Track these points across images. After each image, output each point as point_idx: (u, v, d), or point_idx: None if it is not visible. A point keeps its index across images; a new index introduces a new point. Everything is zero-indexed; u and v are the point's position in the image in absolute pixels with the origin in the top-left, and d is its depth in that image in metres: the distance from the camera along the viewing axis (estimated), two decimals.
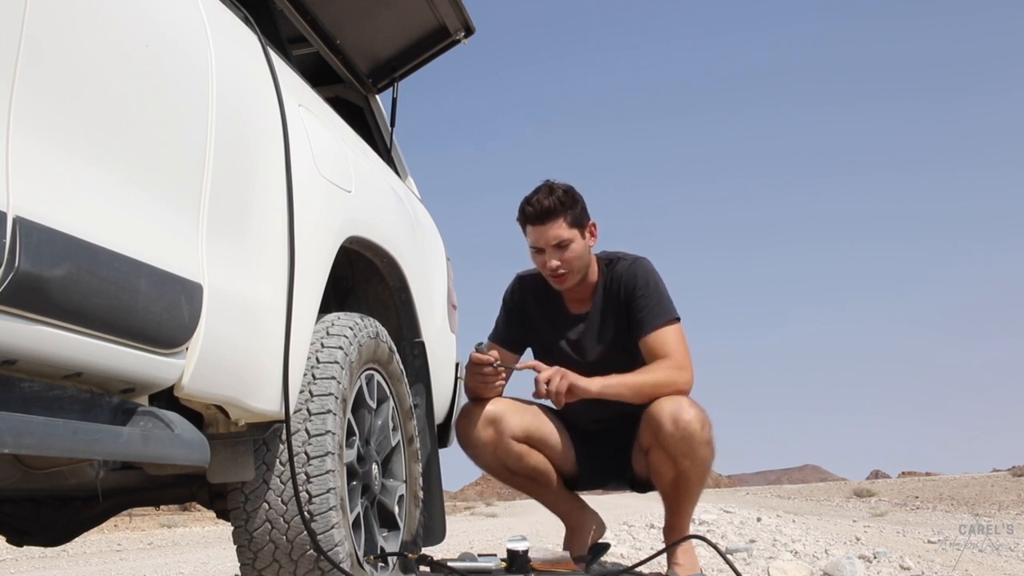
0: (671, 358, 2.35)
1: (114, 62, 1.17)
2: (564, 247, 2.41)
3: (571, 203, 2.42)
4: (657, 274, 2.47)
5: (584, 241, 2.44)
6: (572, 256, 2.42)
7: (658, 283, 2.45)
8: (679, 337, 2.40)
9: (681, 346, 2.39)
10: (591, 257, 2.50)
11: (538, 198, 2.42)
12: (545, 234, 2.41)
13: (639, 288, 2.42)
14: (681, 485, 2.37)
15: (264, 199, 1.55)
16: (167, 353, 1.24)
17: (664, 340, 2.38)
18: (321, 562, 1.63)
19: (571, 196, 2.43)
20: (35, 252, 0.97)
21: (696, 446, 2.28)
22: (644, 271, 2.46)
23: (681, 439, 2.27)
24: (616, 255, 2.52)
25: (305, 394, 1.67)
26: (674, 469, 2.34)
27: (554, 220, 2.40)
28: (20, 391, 1.05)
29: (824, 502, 18.01)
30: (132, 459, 1.23)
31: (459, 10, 2.92)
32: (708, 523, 7.40)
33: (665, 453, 2.33)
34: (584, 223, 2.45)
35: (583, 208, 2.45)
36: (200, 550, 8.16)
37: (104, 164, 1.14)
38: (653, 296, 2.42)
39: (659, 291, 2.43)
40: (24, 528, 1.92)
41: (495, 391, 2.50)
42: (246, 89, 1.55)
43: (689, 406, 2.30)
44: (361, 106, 3.08)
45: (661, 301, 2.42)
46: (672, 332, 2.40)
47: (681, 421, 2.26)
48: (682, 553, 2.43)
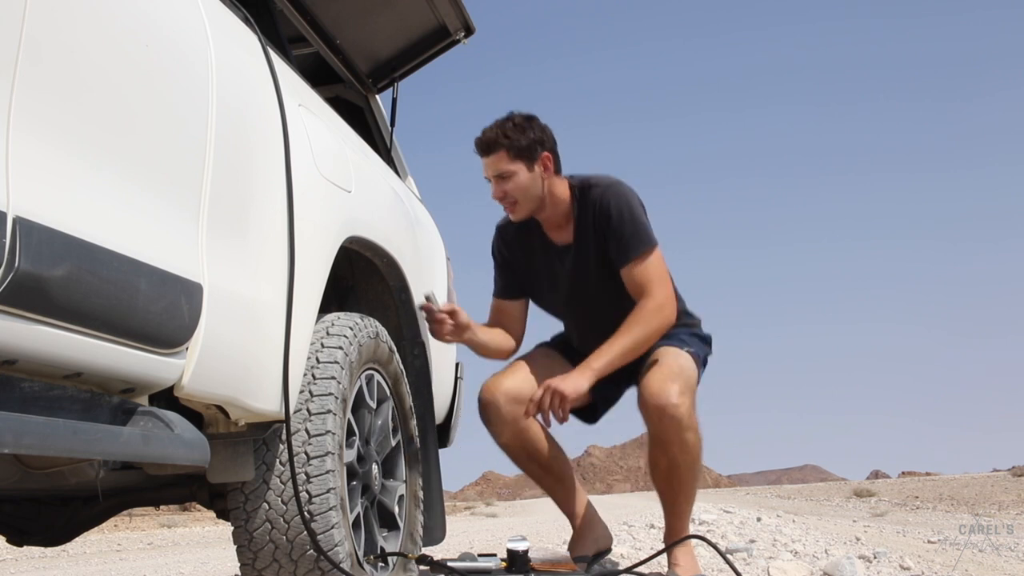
0: (651, 297, 2.35)
1: (114, 62, 1.17)
2: (507, 179, 2.41)
3: (517, 135, 2.39)
4: (630, 199, 2.42)
5: (532, 173, 2.41)
6: (515, 188, 2.41)
7: (632, 209, 2.40)
8: (655, 267, 2.39)
9: (659, 276, 2.38)
10: (549, 187, 2.45)
11: (485, 129, 2.42)
12: (489, 166, 2.43)
13: (613, 220, 2.39)
14: (674, 476, 2.38)
15: (264, 199, 1.55)
16: (167, 353, 1.24)
17: (642, 273, 2.38)
18: (321, 562, 1.63)
19: (519, 128, 2.40)
20: (35, 252, 0.97)
21: (682, 431, 2.29)
22: (617, 198, 2.41)
23: (670, 422, 2.28)
24: (589, 181, 2.47)
25: (305, 394, 1.67)
26: (664, 456, 2.35)
27: (495, 152, 2.40)
28: (20, 391, 1.05)
29: (824, 502, 18.01)
30: (132, 459, 1.22)
31: (459, 10, 2.92)
32: (708, 523, 7.40)
33: (654, 441, 2.35)
34: (534, 155, 2.41)
35: (533, 140, 2.40)
36: (200, 550, 8.16)
37: (104, 164, 1.14)
38: (628, 226, 2.38)
39: (633, 219, 2.39)
40: (24, 528, 1.93)
41: (449, 338, 2.47)
42: (246, 89, 1.55)
43: (679, 394, 2.28)
44: (361, 106, 3.08)
45: (636, 231, 2.39)
46: (649, 264, 2.38)
47: (669, 407, 2.27)
48: (682, 553, 2.43)
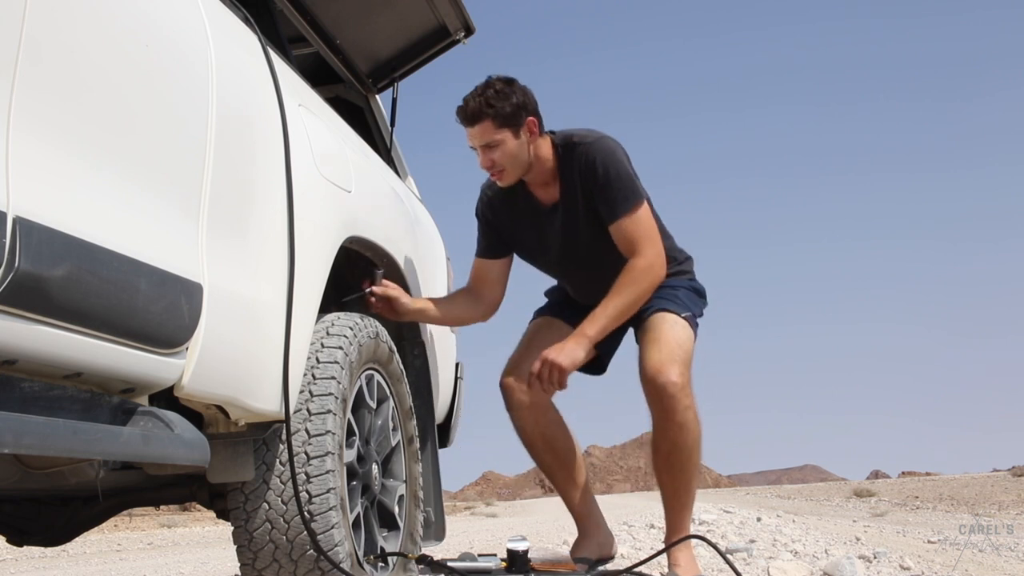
0: (641, 255, 2.34)
1: (114, 62, 1.17)
2: (494, 147, 2.37)
3: (501, 103, 2.34)
4: (615, 153, 2.39)
5: (519, 140, 2.38)
6: (503, 156, 2.38)
7: (617, 165, 2.37)
8: (644, 223, 2.37)
9: (647, 233, 2.37)
10: (535, 149, 2.42)
11: (467, 98, 2.38)
12: (474, 136, 2.39)
13: (599, 176, 2.37)
14: (675, 459, 2.39)
15: (264, 199, 1.55)
16: (167, 353, 1.24)
17: (631, 230, 2.36)
18: (321, 562, 1.63)
19: (503, 95, 2.35)
20: (35, 252, 0.97)
21: (683, 410, 2.32)
22: (602, 153, 2.38)
23: (670, 400, 2.32)
24: (572, 138, 2.43)
25: (305, 394, 1.67)
26: (665, 440, 2.36)
27: (480, 122, 2.35)
28: (20, 391, 1.05)
29: (824, 502, 18.00)
30: (132, 459, 1.23)
31: (459, 10, 2.92)
32: (708, 523, 7.40)
33: (655, 424, 2.38)
34: (519, 121, 2.37)
35: (517, 106, 2.36)
36: (200, 550, 8.16)
37: (104, 164, 1.14)
38: (615, 182, 2.36)
39: (619, 175, 2.37)
40: (24, 528, 1.92)
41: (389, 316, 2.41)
42: (246, 89, 1.55)
43: (679, 373, 2.32)
44: (361, 106, 3.08)
45: (623, 186, 2.36)
46: (637, 220, 2.36)
47: (668, 385, 2.31)
48: (682, 554, 2.43)
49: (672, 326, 2.41)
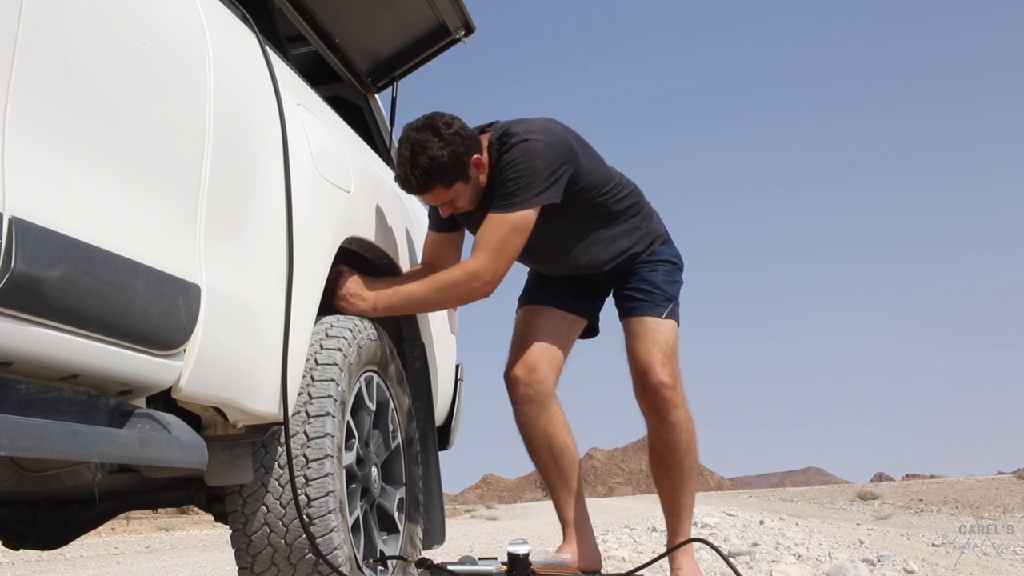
0: (473, 259, 2.22)
1: (110, 62, 1.16)
2: (451, 201, 2.30)
3: (442, 167, 2.20)
4: (527, 157, 2.26)
5: (471, 180, 2.29)
6: (461, 200, 2.30)
7: (526, 168, 2.26)
8: (501, 230, 2.23)
9: (495, 245, 2.23)
10: (484, 175, 2.32)
11: (406, 172, 2.22)
12: (428, 200, 2.31)
13: (504, 171, 2.27)
14: (671, 458, 2.43)
15: (262, 199, 1.54)
16: (165, 355, 1.23)
17: (487, 229, 2.25)
18: (320, 565, 1.62)
19: (438, 159, 2.18)
20: (31, 253, 0.96)
21: (675, 409, 2.40)
22: (522, 155, 2.27)
23: (662, 403, 2.40)
24: (508, 138, 2.31)
25: (304, 396, 1.66)
26: (659, 437, 2.43)
27: (430, 191, 2.25)
28: (17, 393, 1.04)
29: (827, 505, 17.99)
30: (129, 461, 1.22)
31: (459, 8, 2.91)
32: (711, 526, 7.38)
33: (649, 428, 2.45)
34: (465, 169, 2.26)
35: (457, 157, 2.21)
36: (198, 553, 8.15)
37: (101, 164, 1.13)
38: (509, 183, 2.26)
39: (518, 177, 2.26)
40: (21, 531, 1.91)
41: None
42: (244, 89, 1.54)
43: (670, 375, 2.40)
44: (360, 105, 3.07)
45: (515, 188, 2.25)
46: (499, 222, 2.24)
47: (661, 388, 2.39)
48: (684, 557, 2.42)
49: (657, 327, 2.48)
